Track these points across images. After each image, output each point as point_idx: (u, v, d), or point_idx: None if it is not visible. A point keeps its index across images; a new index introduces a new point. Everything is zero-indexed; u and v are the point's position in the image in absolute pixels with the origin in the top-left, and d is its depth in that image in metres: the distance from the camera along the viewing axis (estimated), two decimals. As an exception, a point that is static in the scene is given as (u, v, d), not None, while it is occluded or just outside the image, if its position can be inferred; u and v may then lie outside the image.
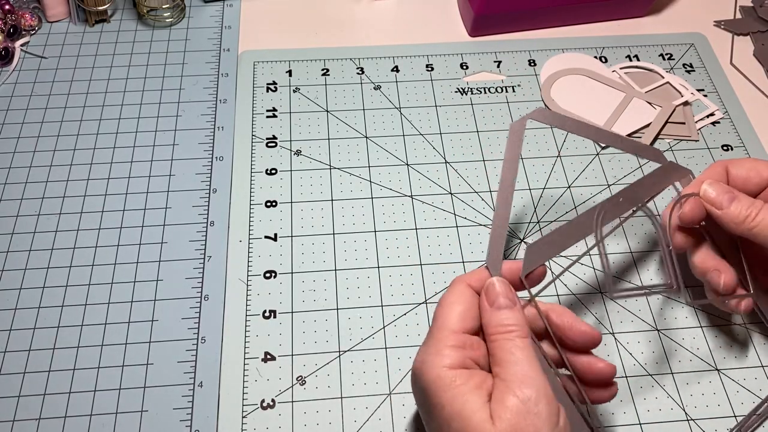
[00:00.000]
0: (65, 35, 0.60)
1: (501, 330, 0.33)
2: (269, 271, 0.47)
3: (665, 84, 0.58)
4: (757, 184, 0.40)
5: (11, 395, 0.42)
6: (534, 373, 0.31)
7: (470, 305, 0.35)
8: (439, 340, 0.33)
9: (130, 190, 0.51)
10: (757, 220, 0.37)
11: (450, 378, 0.32)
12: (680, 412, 0.42)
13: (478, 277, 0.36)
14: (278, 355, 0.43)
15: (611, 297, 0.36)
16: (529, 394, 0.30)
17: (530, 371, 0.31)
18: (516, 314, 0.34)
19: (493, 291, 0.35)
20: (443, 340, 0.33)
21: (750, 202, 0.38)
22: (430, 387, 0.32)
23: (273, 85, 0.57)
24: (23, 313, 0.45)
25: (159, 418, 0.41)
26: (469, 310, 0.34)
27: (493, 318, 0.34)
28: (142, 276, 0.46)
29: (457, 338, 0.33)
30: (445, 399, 0.31)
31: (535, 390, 0.31)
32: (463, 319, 0.34)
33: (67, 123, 0.54)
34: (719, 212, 0.38)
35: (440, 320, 0.34)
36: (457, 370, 0.32)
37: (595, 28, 0.63)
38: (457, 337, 0.33)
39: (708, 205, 0.39)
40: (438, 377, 0.32)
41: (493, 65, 0.59)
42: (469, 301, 0.35)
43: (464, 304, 0.34)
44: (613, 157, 0.53)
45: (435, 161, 0.53)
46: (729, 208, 0.38)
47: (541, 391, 0.31)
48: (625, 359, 0.44)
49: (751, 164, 0.41)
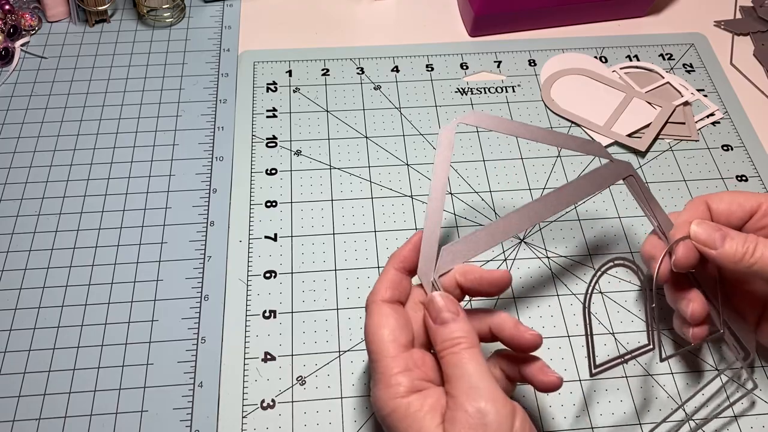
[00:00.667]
0: (65, 35, 0.60)
1: (448, 345, 0.33)
2: (269, 271, 0.47)
3: (665, 84, 0.58)
4: (741, 217, 0.39)
5: (11, 395, 0.42)
6: (482, 382, 0.31)
7: (396, 321, 0.34)
8: (384, 372, 0.33)
9: (130, 190, 0.51)
10: (756, 256, 0.36)
11: (404, 407, 0.32)
12: (680, 412, 0.42)
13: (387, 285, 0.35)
14: (278, 355, 0.44)
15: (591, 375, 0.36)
16: (477, 406, 0.30)
17: (479, 381, 0.31)
18: (461, 324, 0.33)
19: (435, 307, 0.34)
20: (387, 370, 0.33)
21: (743, 238, 0.37)
22: (388, 420, 0.32)
23: (273, 85, 0.57)
24: (23, 313, 0.45)
25: (159, 418, 0.41)
26: (397, 328, 0.34)
27: (439, 334, 0.34)
28: (142, 276, 0.46)
29: (399, 363, 0.33)
30: (403, 427, 0.31)
31: (484, 400, 0.31)
32: (395, 340, 0.33)
33: (67, 123, 0.54)
34: (714, 252, 0.37)
35: (375, 351, 0.34)
36: (410, 397, 0.32)
37: (595, 28, 0.63)
38: (399, 361, 0.33)
39: (701, 246, 0.38)
40: (394, 409, 0.32)
41: (493, 65, 0.59)
42: (393, 317, 0.34)
43: (389, 324, 0.34)
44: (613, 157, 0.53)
45: (435, 161, 0.53)
46: (723, 247, 0.37)
47: (490, 400, 0.31)
48: (625, 359, 0.44)
49: (731, 197, 0.39)
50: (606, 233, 0.49)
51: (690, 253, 0.38)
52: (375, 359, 0.34)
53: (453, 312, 0.34)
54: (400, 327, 0.34)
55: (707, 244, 0.37)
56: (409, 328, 0.35)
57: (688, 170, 0.53)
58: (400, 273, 0.36)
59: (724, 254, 0.37)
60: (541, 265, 0.48)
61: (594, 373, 0.36)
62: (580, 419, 0.42)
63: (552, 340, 0.44)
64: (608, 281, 0.47)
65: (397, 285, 0.36)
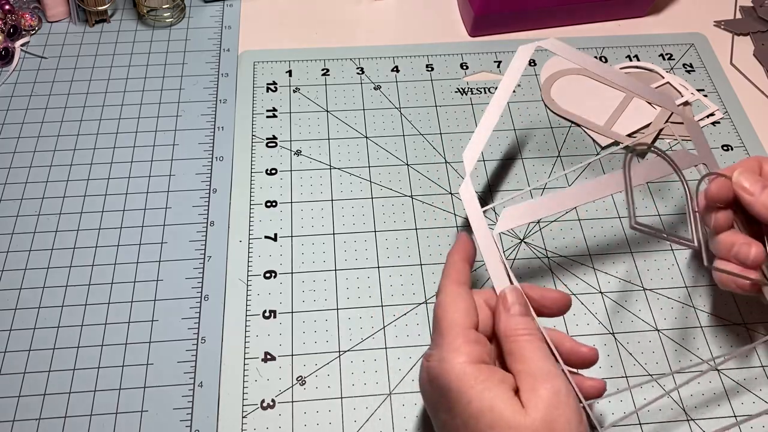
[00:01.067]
0: (65, 35, 0.60)
1: (520, 332, 0.34)
2: (269, 271, 0.47)
3: (665, 84, 0.58)
4: None
5: (11, 395, 0.42)
6: (555, 368, 0.32)
7: (470, 301, 0.35)
8: (454, 338, 0.33)
9: (130, 190, 0.51)
10: None
11: (474, 373, 0.32)
12: (680, 412, 0.42)
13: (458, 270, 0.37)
14: (278, 355, 0.43)
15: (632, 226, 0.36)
16: (559, 386, 0.31)
17: (555, 369, 0.32)
18: (532, 322, 0.35)
19: (511, 298, 0.36)
20: (458, 337, 0.33)
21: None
22: (452, 384, 0.32)
23: (273, 85, 0.57)
24: (23, 313, 0.45)
25: (159, 418, 0.41)
26: (471, 307, 0.35)
27: (511, 321, 0.35)
28: (142, 276, 0.46)
29: (470, 334, 0.34)
30: (473, 394, 0.31)
31: (564, 384, 0.32)
32: (469, 315, 0.34)
33: (67, 123, 0.54)
34: (750, 198, 0.39)
35: (447, 319, 0.34)
36: (480, 365, 0.32)
37: (595, 28, 0.63)
38: (470, 333, 0.34)
39: (739, 190, 0.39)
40: (462, 373, 0.32)
41: (493, 65, 0.59)
42: (467, 297, 0.35)
43: (465, 300, 0.35)
44: (613, 157, 0.53)
45: (435, 161, 0.53)
46: (761, 195, 0.38)
47: (569, 386, 0.32)
48: (625, 359, 0.44)
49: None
50: (606, 233, 0.49)
51: (723, 188, 0.39)
52: (445, 326, 0.34)
53: (524, 306, 0.36)
54: (472, 308, 0.35)
55: (746, 191, 0.39)
56: (476, 312, 0.35)
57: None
58: (463, 263, 0.37)
59: (760, 201, 0.38)
60: (541, 265, 0.48)
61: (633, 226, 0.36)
62: (580, 419, 0.42)
63: (552, 340, 0.44)
64: (608, 281, 0.47)
65: (463, 273, 0.37)
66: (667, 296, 0.46)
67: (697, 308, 0.46)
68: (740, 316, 0.46)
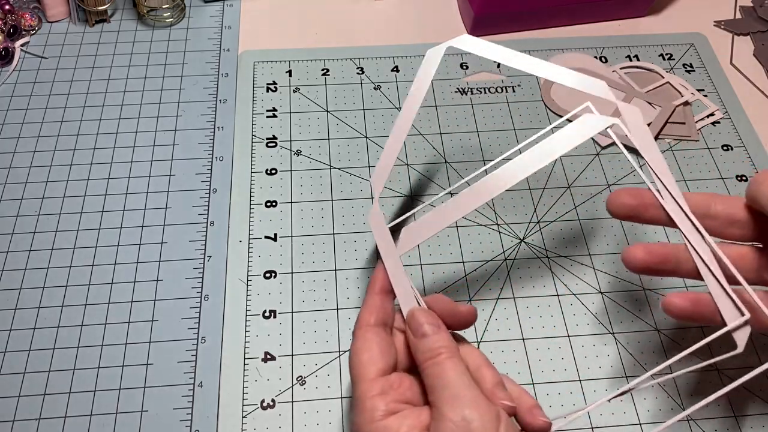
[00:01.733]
0: (65, 35, 0.60)
1: (429, 356, 0.33)
2: (269, 271, 0.47)
3: (665, 84, 0.58)
4: None
5: (11, 395, 0.42)
6: (464, 390, 0.31)
7: (377, 346, 0.34)
8: (361, 396, 0.33)
9: (130, 190, 0.51)
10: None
11: (381, 430, 0.32)
12: (680, 412, 0.42)
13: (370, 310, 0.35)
14: (278, 355, 0.44)
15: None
16: (461, 414, 0.30)
17: (461, 389, 0.31)
18: (442, 336, 0.34)
19: (416, 321, 0.35)
20: (364, 393, 0.33)
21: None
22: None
23: (273, 85, 0.57)
24: (23, 313, 0.45)
25: (159, 418, 0.41)
26: (377, 352, 0.34)
27: (420, 346, 0.34)
28: (142, 276, 0.46)
29: (375, 386, 0.33)
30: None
31: (468, 407, 0.30)
32: (374, 363, 0.34)
33: (67, 123, 0.54)
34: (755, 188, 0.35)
35: (354, 375, 0.34)
36: (388, 419, 0.32)
37: (595, 28, 0.63)
38: (376, 385, 0.33)
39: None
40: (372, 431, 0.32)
41: (493, 65, 0.59)
42: (374, 342, 0.34)
43: (370, 348, 0.34)
44: (613, 157, 0.53)
45: (435, 161, 0.53)
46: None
47: (473, 406, 0.30)
48: (625, 359, 0.44)
49: None
50: (606, 233, 0.49)
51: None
52: (354, 383, 0.34)
53: (434, 324, 0.34)
54: (381, 351, 0.34)
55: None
56: (391, 352, 0.35)
57: (688, 170, 0.53)
58: (382, 296, 0.36)
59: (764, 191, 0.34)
60: (541, 265, 0.48)
61: None
62: (580, 419, 0.42)
63: (552, 340, 0.45)
64: (608, 281, 0.47)
65: (380, 309, 0.36)
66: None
67: None
68: (740, 316, 0.46)
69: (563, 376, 0.43)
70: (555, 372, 0.43)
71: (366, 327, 0.35)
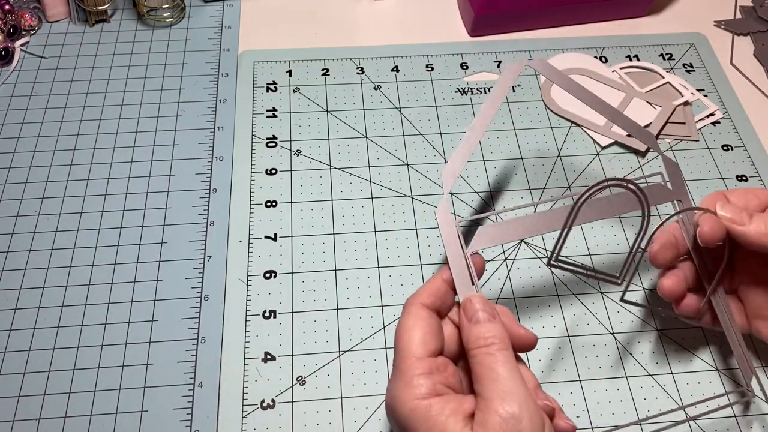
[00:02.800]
0: (65, 35, 0.60)
1: (481, 344, 0.33)
2: (269, 271, 0.47)
3: (665, 84, 0.58)
4: (757, 205, 0.39)
5: (11, 395, 0.42)
6: (516, 388, 0.31)
7: (429, 327, 0.34)
8: (406, 371, 0.33)
9: (130, 190, 0.51)
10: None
11: (424, 408, 0.31)
12: (680, 412, 0.42)
13: (430, 292, 0.35)
14: (278, 355, 0.44)
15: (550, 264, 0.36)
16: (511, 410, 0.30)
17: (512, 387, 0.31)
18: (496, 326, 0.33)
19: (472, 307, 0.34)
20: (410, 369, 0.33)
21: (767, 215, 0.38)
22: (406, 421, 0.32)
23: (273, 85, 0.57)
24: (23, 313, 0.45)
25: (159, 418, 0.41)
26: (429, 333, 0.34)
27: (473, 332, 0.33)
28: (142, 276, 0.46)
29: (423, 365, 0.33)
30: (424, 429, 0.31)
31: (518, 405, 0.30)
32: (425, 344, 0.33)
33: (67, 123, 0.54)
34: (741, 228, 0.37)
35: (403, 349, 0.34)
36: (431, 399, 0.32)
37: (595, 28, 0.63)
38: (423, 363, 0.33)
39: (728, 223, 0.38)
40: (413, 410, 0.32)
41: (493, 65, 0.59)
42: (427, 322, 0.34)
43: (423, 327, 0.34)
44: (614, 157, 0.53)
45: (435, 161, 0.53)
46: (750, 224, 0.37)
47: (523, 406, 0.30)
48: (625, 359, 0.44)
49: (746, 191, 0.40)
50: (606, 233, 0.49)
51: (716, 227, 0.38)
52: (400, 357, 0.33)
53: (489, 313, 0.34)
54: (432, 333, 0.34)
55: (735, 221, 0.38)
56: (440, 337, 0.35)
57: (688, 170, 0.53)
58: (446, 285, 0.36)
59: (752, 230, 0.37)
60: (541, 265, 0.48)
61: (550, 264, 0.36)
62: (581, 419, 0.42)
63: (552, 340, 0.45)
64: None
65: (440, 295, 0.35)
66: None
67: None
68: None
69: (563, 376, 0.43)
70: (555, 372, 0.43)
71: (421, 306, 0.35)
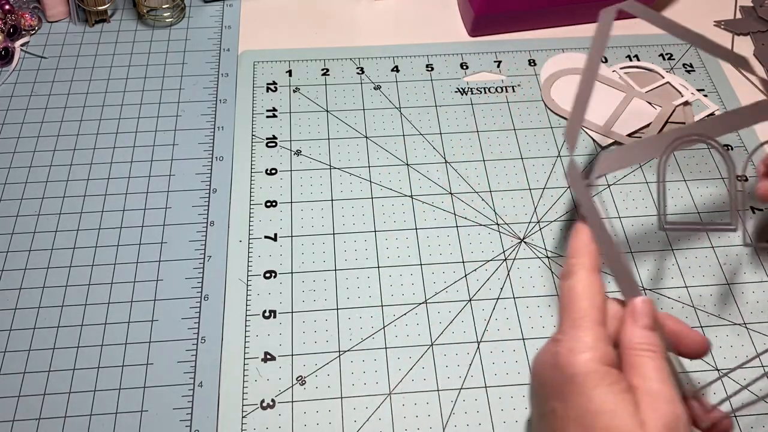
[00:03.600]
0: (65, 35, 0.60)
1: (645, 346, 0.32)
2: (269, 271, 0.47)
3: (665, 84, 0.58)
4: None
5: (11, 395, 0.42)
6: (677, 398, 0.30)
7: (603, 298, 0.33)
8: (586, 332, 0.31)
9: (130, 190, 0.51)
10: None
11: (602, 374, 0.30)
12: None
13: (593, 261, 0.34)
14: (278, 355, 0.43)
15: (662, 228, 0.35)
16: (680, 413, 0.30)
17: (675, 395, 0.30)
18: (658, 339, 0.32)
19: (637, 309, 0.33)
20: (590, 331, 0.31)
21: None
22: (578, 378, 0.31)
23: (273, 85, 0.57)
24: (23, 313, 0.45)
25: (159, 418, 0.41)
26: (603, 304, 0.33)
27: (638, 332, 0.32)
28: (142, 276, 0.46)
29: (601, 332, 0.32)
30: (596, 394, 0.30)
31: (684, 413, 0.30)
32: (601, 312, 0.32)
33: (67, 123, 0.54)
34: None
35: (580, 309, 0.32)
36: (609, 367, 0.31)
37: (595, 28, 0.63)
38: (601, 331, 0.32)
39: None
40: (591, 370, 0.30)
41: (493, 65, 0.59)
42: (602, 292, 0.33)
43: (599, 295, 0.33)
44: (613, 157, 0.53)
45: (435, 161, 0.53)
46: None
47: (686, 415, 0.30)
48: (625, 359, 0.44)
49: None
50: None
51: None
52: (580, 318, 0.32)
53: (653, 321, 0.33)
54: (604, 304, 0.33)
55: None
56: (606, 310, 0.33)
57: (688, 170, 0.53)
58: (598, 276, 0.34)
59: None
60: (541, 265, 0.48)
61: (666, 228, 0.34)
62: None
63: (552, 340, 0.44)
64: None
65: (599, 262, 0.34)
66: (668, 296, 0.46)
67: (697, 308, 0.46)
68: (740, 316, 0.46)
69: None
70: (555, 372, 0.43)
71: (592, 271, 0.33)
